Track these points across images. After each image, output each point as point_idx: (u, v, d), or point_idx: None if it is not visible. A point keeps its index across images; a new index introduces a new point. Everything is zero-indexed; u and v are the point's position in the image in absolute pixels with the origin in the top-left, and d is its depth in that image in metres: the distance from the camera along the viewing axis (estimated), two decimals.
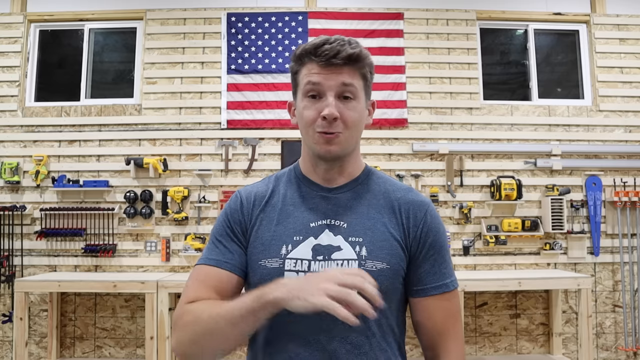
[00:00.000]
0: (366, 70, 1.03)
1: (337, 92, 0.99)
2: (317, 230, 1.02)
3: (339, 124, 0.99)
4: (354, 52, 0.98)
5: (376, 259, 0.98)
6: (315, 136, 1.00)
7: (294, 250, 1.00)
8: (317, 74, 0.99)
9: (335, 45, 0.98)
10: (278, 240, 1.01)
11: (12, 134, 3.96)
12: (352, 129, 1.01)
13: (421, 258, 1.03)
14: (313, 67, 1.00)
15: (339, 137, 0.99)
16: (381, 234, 1.01)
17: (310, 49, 1.00)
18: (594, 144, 4.03)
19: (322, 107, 0.98)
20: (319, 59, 0.98)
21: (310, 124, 1.00)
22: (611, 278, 3.96)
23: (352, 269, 0.82)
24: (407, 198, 1.07)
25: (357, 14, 4.07)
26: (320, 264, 0.98)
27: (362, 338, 0.97)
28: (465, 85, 4.07)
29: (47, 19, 4.12)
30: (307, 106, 1.01)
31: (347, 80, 0.99)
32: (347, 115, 0.99)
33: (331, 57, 0.97)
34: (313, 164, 1.08)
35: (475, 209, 3.92)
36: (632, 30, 4.15)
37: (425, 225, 1.04)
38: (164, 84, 4.02)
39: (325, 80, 0.98)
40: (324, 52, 0.98)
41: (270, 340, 1.00)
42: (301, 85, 1.02)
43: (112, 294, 3.81)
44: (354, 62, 0.99)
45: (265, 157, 3.97)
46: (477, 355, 3.84)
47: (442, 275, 1.03)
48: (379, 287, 0.93)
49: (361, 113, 1.03)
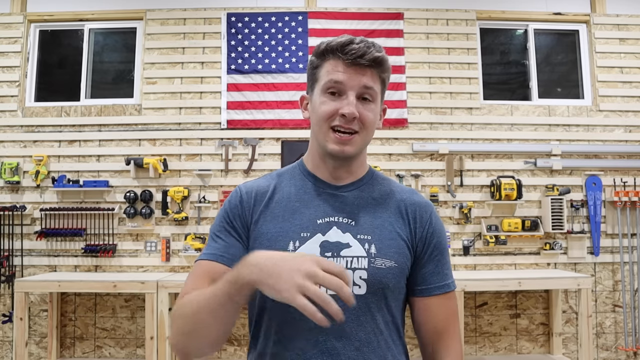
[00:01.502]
0: (386, 76, 1.04)
1: (358, 93, 0.99)
2: (325, 227, 1.01)
3: (357, 123, 1.00)
4: (379, 55, 1.00)
5: (385, 257, 0.99)
6: (329, 134, 1.00)
7: (302, 247, 0.99)
8: (342, 72, 0.99)
9: (362, 46, 0.98)
10: (285, 236, 1.01)
11: (12, 134, 3.96)
12: (368, 129, 1.02)
13: (426, 258, 1.05)
14: (337, 64, 1.00)
15: (355, 138, 1.00)
16: (389, 233, 1.02)
17: (336, 46, 0.99)
18: (594, 144, 4.03)
19: (341, 105, 0.99)
20: (345, 57, 0.98)
21: (325, 119, 1.00)
22: (611, 278, 3.96)
23: (331, 262, 0.78)
24: (413, 199, 1.08)
25: (357, 14, 4.07)
26: None
27: (371, 336, 0.97)
28: (465, 85, 4.07)
29: (47, 19, 4.12)
30: (325, 102, 1.01)
31: (369, 83, 1.00)
32: (365, 115, 1.00)
33: (358, 57, 0.98)
34: (322, 160, 1.07)
35: (475, 209, 3.92)
36: (632, 30, 4.15)
37: (431, 227, 1.06)
38: (164, 84, 4.02)
39: (348, 80, 0.99)
40: (351, 51, 0.98)
41: (279, 338, 0.99)
42: (322, 80, 1.02)
43: (112, 294, 3.81)
44: (377, 66, 1.00)
45: (265, 157, 3.97)
46: (477, 355, 3.84)
47: (445, 275, 1.06)
48: (387, 285, 0.97)
49: (377, 115, 1.04)
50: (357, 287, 0.97)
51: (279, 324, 0.98)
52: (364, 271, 0.98)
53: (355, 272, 0.98)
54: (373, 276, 0.98)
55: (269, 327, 1.00)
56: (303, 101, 1.11)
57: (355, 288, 0.97)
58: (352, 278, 0.96)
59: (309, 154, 1.12)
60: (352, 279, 0.96)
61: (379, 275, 0.98)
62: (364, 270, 0.98)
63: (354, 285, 0.97)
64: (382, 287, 0.98)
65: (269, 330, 1.00)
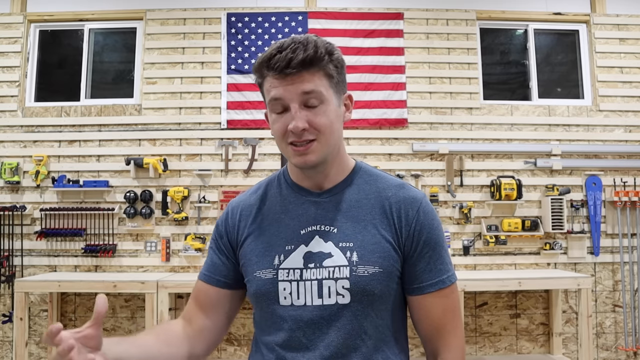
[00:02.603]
0: (329, 68, 0.96)
1: (300, 102, 0.94)
2: (307, 237, 1.01)
3: (311, 132, 0.95)
4: (307, 54, 0.92)
5: (367, 264, 0.97)
6: (288, 149, 0.98)
7: (286, 260, 1.00)
8: (276, 87, 0.94)
9: (287, 52, 0.92)
10: (270, 250, 1.02)
11: (12, 134, 3.96)
12: (326, 133, 0.96)
13: (416, 256, 1.01)
14: (272, 80, 0.95)
15: (313, 146, 0.96)
16: (372, 237, 0.99)
17: (265, 61, 0.94)
18: (594, 143, 4.03)
19: (288, 120, 0.94)
20: (273, 73, 0.93)
21: (281, 137, 0.97)
22: (611, 278, 3.96)
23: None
24: (398, 196, 1.03)
25: (357, 14, 4.07)
26: (312, 272, 0.98)
27: (358, 341, 0.97)
28: (465, 85, 4.07)
29: (47, 19, 4.12)
30: (275, 120, 0.97)
31: (308, 88, 0.93)
32: (316, 122, 0.94)
33: (284, 68, 0.92)
34: (298, 171, 1.06)
35: (475, 209, 3.92)
36: (632, 30, 4.15)
37: (418, 223, 1.01)
38: (164, 84, 4.02)
39: (285, 93, 0.93)
40: (275, 63, 0.92)
41: (268, 343, 1.01)
42: (267, 99, 0.98)
43: (112, 294, 3.81)
44: (310, 65, 0.93)
45: (265, 157, 3.97)
46: (477, 355, 3.84)
47: (438, 271, 1.01)
48: (372, 292, 0.97)
49: (333, 115, 0.97)
50: (341, 297, 0.96)
51: (267, 330, 1.03)
52: (346, 280, 0.96)
53: (338, 282, 0.96)
54: (356, 285, 0.96)
55: (257, 332, 1.08)
56: (267, 119, 1.07)
57: (339, 298, 0.96)
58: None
59: (289, 164, 1.10)
60: None
61: (362, 283, 0.96)
62: (346, 279, 0.96)
63: (337, 295, 0.96)
64: (367, 295, 0.96)
65: (258, 335, 1.07)
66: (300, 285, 0.98)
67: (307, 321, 0.96)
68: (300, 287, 0.97)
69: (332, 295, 0.96)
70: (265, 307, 1.01)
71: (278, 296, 0.98)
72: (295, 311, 0.97)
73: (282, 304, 0.98)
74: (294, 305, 0.97)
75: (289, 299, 0.98)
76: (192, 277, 3.45)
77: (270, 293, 0.99)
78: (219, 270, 1.09)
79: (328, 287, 0.96)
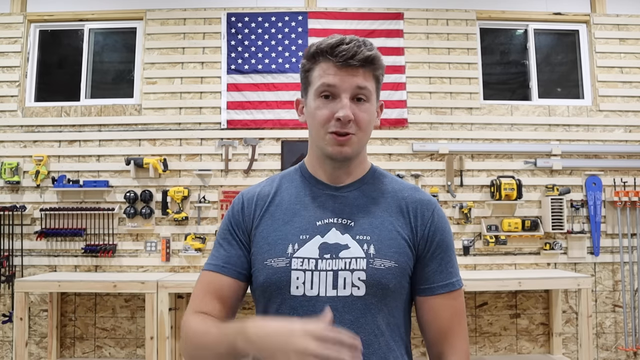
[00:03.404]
0: (379, 73, 1.03)
1: (351, 94, 0.99)
2: (324, 229, 1.01)
3: (352, 126, 0.99)
4: (371, 54, 0.98)
5: (384, 257, 0.98)
6: (327, 137, 1.00)
7: (301, 249, 1.00)
8: (333, 75, 0.98)
9: (352, 46, 0.97)
10: (284, 239, 1.01)
11: (12, 134, 3.96)
12: (364, 130, 1.01)
13: (428, 257, 1.03)
14: (329, 67, 0.99)
15: (352, 139, 1.00)
16: (389, 233, 1.01)
17: (326, 48, 0.98)
18: (594, 144, 4.03)
19: (336, 108, 0.98)
20: (335, 59, 0.97)
21: (323, 124, 1.00)
22: (611, 278, 3.96)
23: (329, 331, 0.77)
24: (415, 197, 1.07)
25: (357, 14, 4.07)
26: (327, 263, 0.98)
27: (371, 337, 0.97)
28: (465, 85, 4.07)
29: (47, 19, 4.12)
30: (319, 106, 1.00)
31: (362, 83, 0.99)
32: (360, 117, 0.99)
33: (348, 58, 0.97)
34: (320, 162, 1.08)
35: (475, 208, 3.92)
36: (632, 30, 4.15)
37: (433, 225, 1.04)
38: (164, 84, 4.02)
39: (340, 82, 0.98)
40: (341, 52, 0.97)
41: None
42: (315, 84, 1.01)
43: (112, 294, 3.81)
44: (369, 64, 0.99)
45: (265, 157, 3.97)
46: (477, 355, 3.84)
47: (449, 274, 1.04)
48: (387, 285, 0.97)
49: (372, 115, 1.03)
50: (356, 289, 0.97)
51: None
52: (362, 272, 0.97)
53: (354, 273, 0.97)
54: (372, 277, 0.97)
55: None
56: (299, 105, 1.11)
57: (354, 289, 0.97)
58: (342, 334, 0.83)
59: (308, 156, 1.12)
60: (349, 341, 0.81)
61: (378, 276, 0.97)
62: (362, 271, 0.97)
63: (352, 286, 0.97)
64: (381, 288, 0.97)
65: None
66: (314, 275, 0.97)
67: (319, 312, 0.95)
68: (314, 277, 0.97)
69: (347, 286, 0.97)
70: (274, 298, 1.00)
71: (290, 285, 0.98)
72: (307, 302, 0.97)
73: (294, 294, 0.98)
74: (306, 296, 0.97)
75: (302, 288, 0.97)
76: (192, 277, 3.46)
77: (282, 282, 0.98)
78: (236, 262, 1.05)
79: (344, 278, 0.97)
